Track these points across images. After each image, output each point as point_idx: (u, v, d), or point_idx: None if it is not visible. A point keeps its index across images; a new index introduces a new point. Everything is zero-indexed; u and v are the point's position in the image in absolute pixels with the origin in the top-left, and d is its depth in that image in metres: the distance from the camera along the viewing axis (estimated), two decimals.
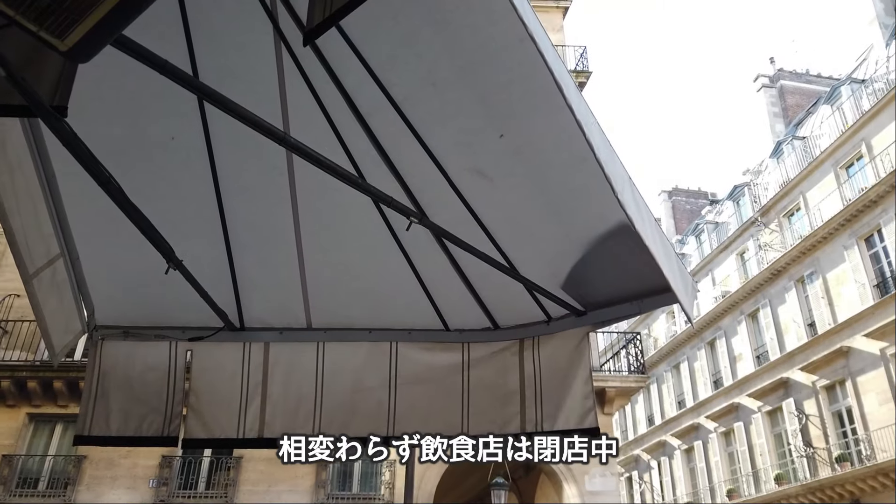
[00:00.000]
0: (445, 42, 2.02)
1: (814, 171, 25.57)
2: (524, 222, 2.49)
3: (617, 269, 2.51)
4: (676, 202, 43.11)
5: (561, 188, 2.32)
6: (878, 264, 21.93)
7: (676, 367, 33.54)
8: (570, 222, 2.43)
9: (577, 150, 1.95)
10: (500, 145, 2.21)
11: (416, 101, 2.17)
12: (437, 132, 2.23)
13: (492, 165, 2.30)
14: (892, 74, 22.88)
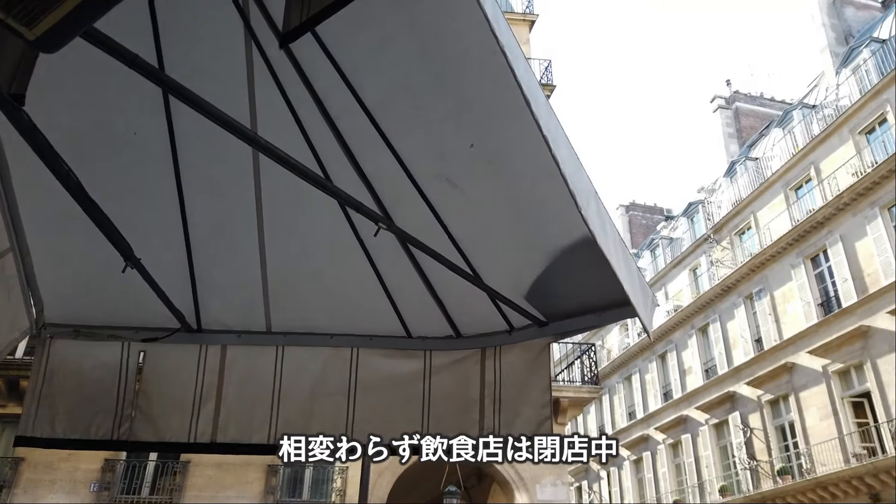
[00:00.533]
0: (419, 50, 2.03)
1: (765, 191, 26.42)
2: (490, 232, 2.51)
3: (579, 282, 2.54)
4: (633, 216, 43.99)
5: (528, 200, 2.34)
6: (823, 284, 22.75)
7: (628, 379, 34.12)
8: (536, 234, 2.45)
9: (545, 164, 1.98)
10: (470, 155, 2.23)
11: (388, 106, 2.16)
12: (408, 138, 2.23)
13: (461, 174, 2.31)
14: (841, 101, 23.84)
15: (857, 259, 21.10)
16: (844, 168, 22.20)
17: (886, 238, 20.13)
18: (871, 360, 19.92)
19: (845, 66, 24.33)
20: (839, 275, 21.72)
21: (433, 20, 1.95)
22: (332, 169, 2.31)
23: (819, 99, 25.71)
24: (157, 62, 2.02)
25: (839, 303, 21.60)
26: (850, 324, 20.71)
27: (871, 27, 25.27)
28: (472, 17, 1.72)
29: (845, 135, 22.68)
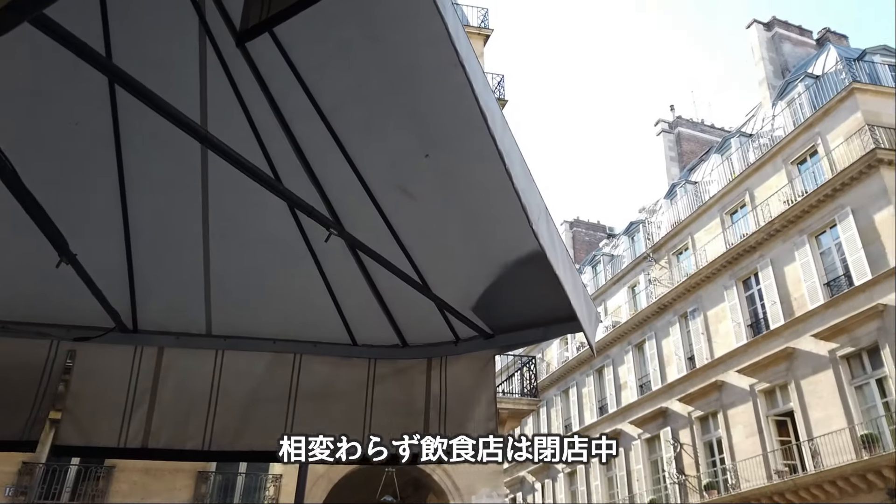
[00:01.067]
0: (379, 57, 2.02)
1: (702, 214, 27.39)
2: (441, 242, 2.51)
3: (527, 295, 2.57)
4: (577, 232, 44.89)
5: (480, 213, 2.36)
6: (753, 306, 23.70)
7: (566, 392, 34.66)
8: (486, 246, 2.47)
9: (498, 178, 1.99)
10: (425, 165, 2.23)
11: (344, 111, 2.14)
12: (362, 144, 2.21)
13: (414, 183, 2.30)
14: (776, 132, 24.98)
15: (785, 283, 22.08)
16: (777, 196, 23.24)
17: (813, 264, 21.14)
18: (795, 381, 20.83)
19: (781, 99, 25.52)
20: (768, 298, 22.67)
21: (393, 29, 1.94)
22: (283, 171, 2.27)
23: (756, 128, 26.88)
24: (104, 50, 1.94)
25: (767, 325, 22.54)
26: (777, 345, 21.63)
27: (807, 63, 26.62)
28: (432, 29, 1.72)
29: (779, 164, 23.76)
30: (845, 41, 28.65)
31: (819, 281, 20.83)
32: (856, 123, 20.78)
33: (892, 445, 17.61)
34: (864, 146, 19.98)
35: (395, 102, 2.13)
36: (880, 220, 19.17)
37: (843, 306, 19.63)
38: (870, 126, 20.15)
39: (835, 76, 22.89)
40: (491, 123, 1.85)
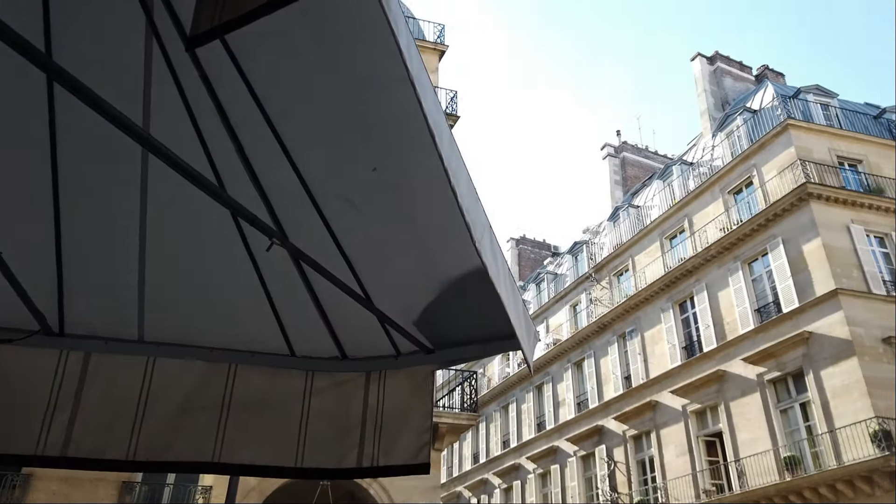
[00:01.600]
0: (330, 69, 2.02)
1: (643, 237, 28.19)
2: (385, 255, 2.51)
3: (468, 312, 2.59)
4: (522, 250, 45.49)
5: (425, 228, 2.37)
6: (688, 328, 24.46)
7: (505, 408, 34.89)
8: (430, 262, 2.48)
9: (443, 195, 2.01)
10: (372, 178, 2.23)
11: (292, 120, 2.13)
12: (310, 154, 2.20)
13: (361, 196, 2.30)
14: (715, 162, 25.98)
15: (719, 308, 22.89)
16: (714, 223, 24.13)
17: (745, 290, 22.00)
18: (724, 403, 21.55)
19: (721, 130, 26.59)
20: (703, 321, 23.44)
21: (345, 41, 1.95)
22: (227, 178, 2.23)
23: (696, 157, 27.91)
24: (44, 46, 1.88)
25: (701, 347, 23.29)
26: (710, 368, 22.37)
27: (746, 97, 27.85)
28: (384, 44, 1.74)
29: (716, 193, 24.71)
30: (782, 79, 30.13)
31: (750, 307, 21.67)
32: (789, 158, 21.82)
33: (812, 468, 18.39)
34: (796, 180, 20.99)
35: (344, 114, 2.13)
36: (808, 250, 20.12)
37: (772, 332, 20.47)
38: (802, 161, 21.19)
39: (771, 112, 24.02)
40: (438, 141, 1.87)
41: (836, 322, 18.63)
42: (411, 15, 19.36)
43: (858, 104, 26.62)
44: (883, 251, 20.56)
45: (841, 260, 19.58)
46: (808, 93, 24.58)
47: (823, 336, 18.86)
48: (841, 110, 24.29)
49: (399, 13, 1.75)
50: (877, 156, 22.71)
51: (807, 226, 20.29)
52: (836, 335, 18.53)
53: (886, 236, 20.71)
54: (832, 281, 19.06)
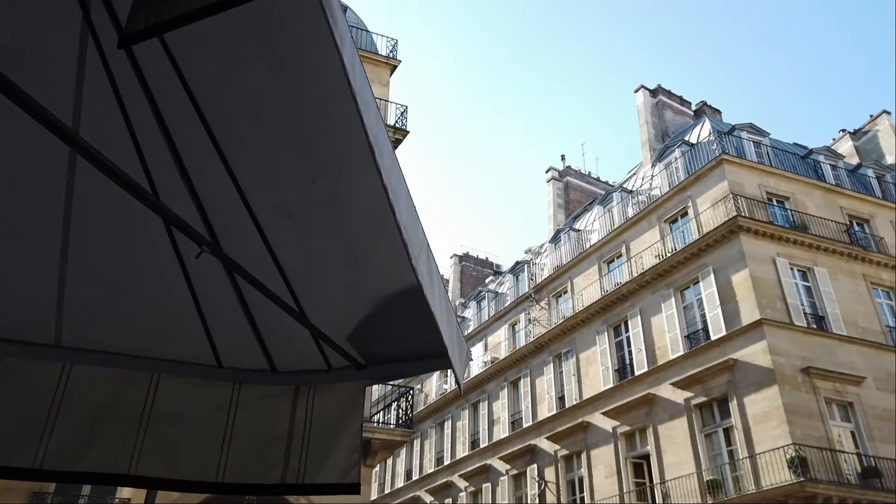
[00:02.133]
0: (272, 78, 2.00)
1: (582, 260, 28.79)
2: (322, 269, 2.48)
3: (401, 329, 2.59)
4: (465, 267, 45.74)
5: (362, 243, 2.36)
6: (622, 351, 25.04)
7: (441, 425, 34.81)
8: (366, 277, 2.47)
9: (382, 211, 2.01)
10: (311, 190, 2.21)
11: (232, 128, 2.09)
12: (248, 164, 2.17)
13: (299, 208, 2.28)
14: (653, 191, 26.85)
15: (651, 332, 23.54)
16: (650, 250, 24.88)
17: (676, 317, 22.71)
18: (653, 426, 22.10)
19: (660, 161, 27.53)
20: (635, 345, 24.05)
21: (289, 52, 1.93)
22: (160, 183, 2.17)
23: (636, 186, 28.78)
24: None
25: (633, 370, 23.86)
26: (640, 391, 22.92)
27: (685, 131, 28.96)
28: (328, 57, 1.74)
29: (653, 221, 25.51)
30: (719, 115, 31.49)
31: (681, 333, 22.38)
32: (722, 191, 22.75)
33: (733, 491, 19.02)
34: (728, 213, 21.89)
35: (285, 125, 2.11)
36: (737, 280, 20.96)
37: (700, 358, 21.17)
38: (734, 195, 22.12)
39: (707, 146, 25.04)
40: (378, 157, 1.87)
41: (760, 351, 19.43)
42: (364, 28, 19.37)
43: (788, 144, 28.06)
44: (805, 284, 21.62)
45: (766, 291, 20.47)
46: (743, 130, 25.76)
47: (747, 364, 19.63)
48: (771, 149, 25.54)
49: (345, 28, 1.76)
50: (802, 194, 23.95)
51: (736, 257, 21.16)
52: (759, 363, 19.31)
53: (809, 270, 21.79)
54: (757, 311, 19.89)
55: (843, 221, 23.75)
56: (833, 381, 19.45)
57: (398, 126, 17.85)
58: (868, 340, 20.90)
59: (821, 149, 27.48)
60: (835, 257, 22.35)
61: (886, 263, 23.12)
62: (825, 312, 21.05)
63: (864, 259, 22.80)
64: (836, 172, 26.07)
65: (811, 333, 20.26)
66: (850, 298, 21.74)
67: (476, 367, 33.09)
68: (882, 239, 24.07)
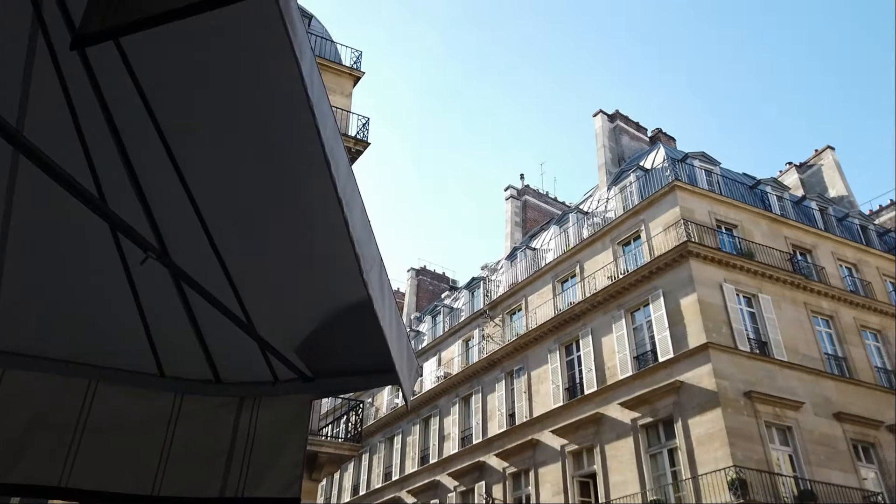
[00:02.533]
0: (229, 85, 1.98)
1: (537, 279, 29.08)
2: (273, 281, 2.45)
3: (351, 343, 2.57)
4: (422, 281, 45.66)
5: (315, 255, 2.35)
6: (572, 370, 25.31)
7: (391, 439, 34.50)
8: (317, 290, 2.45)
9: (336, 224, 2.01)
10: (265, 200, 2.19)
11: (185, 133, 2.06)
12: (201, 170, 2.14)
13: (251, 217, 2.25)
14: (608, 214, 27.36)
15: (601, 352, 23.88)
16: (603, 271, 25.30)
17: (626, 338, 23.11)
18: (600, 445, 22.35)
19: (615, 185, 28.11)
20: (586, 365, 24.35)
21: (247, 61, 1.92)
22: (108, 187, 2.12)
23: (591, 207, 29.30)
24: None
25: (582, 389, 24.13)
26: (589, 410, 23.18)
27: (640, 156, 29.67)
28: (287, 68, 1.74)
29: (607, 243, 25.98)
30: (673, 142, 32.38)
31: (630, 354, 22.77)
32: (674, 216, 23.34)
33: None
34: (679, 238, 22.46)
35: (240, 133, 2.09)
36: (685, 304, 21.47)
37: (648, 379, 21.56)
38: (685, 220, 22.73)
39: (661, 172, 25.69)
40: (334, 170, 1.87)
41: (705, 374, 19.91)
42: (329, 38, 19.32)
43: (737, 174, 29.03)
44: (750, 310, 22.29)
45: (713, 316, 21.03)
46: (695, 158, 26.53)
47: (693, 386, 20.07)
48: (722, 177, 26.38)
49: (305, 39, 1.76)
50: (750, 222, 24.77)
51: (685, 281, 21.70)
52: (704, 386, 19.78)
53: (753, 297, 22.49)
54: (704, 335, 20.40)
55: (787, 251, 24.63)
56: (773, 405, 20.04)
57: (359, 137, 17.81)
58: (807, 367, 21.64)
59: (768, 180, 28.50)
60: (778, 285, 23.13)
61: (826, 293, 24.03)
62: (768, 338, 21.72)
63: (805, 288, 23.65)
64: (781, 203, 27.06)
65: (754, 358, 20.86)
66: (792, 325, 22.50)
67: (429, 381, 32.98)
68: (823, 269, 25.03)
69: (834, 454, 20.23)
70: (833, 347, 23.32)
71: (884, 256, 27.60)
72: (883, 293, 26.03)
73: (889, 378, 23.59)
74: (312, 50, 1.82)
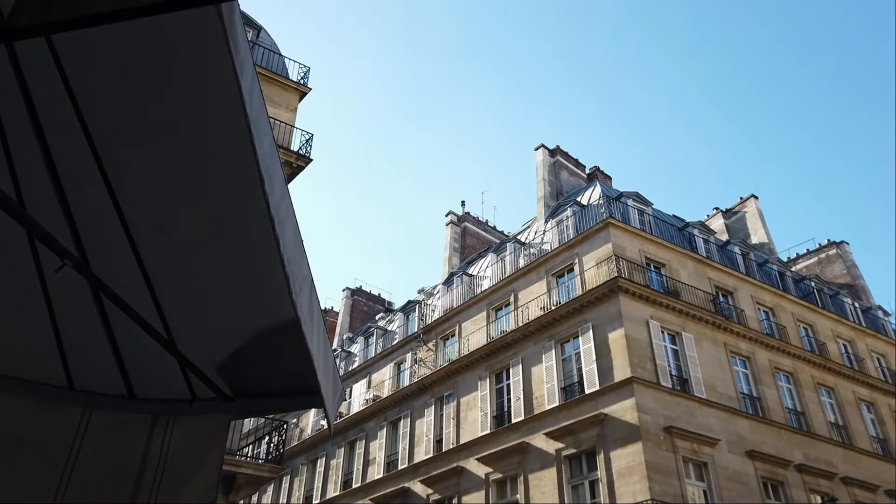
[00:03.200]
0: (166, 95, 1.94)
1: (472, 305, 29.25)
2: (198, 295, 2.39)
3: (275, 364, 2.52)
4: (356, 301, 45.18)
5: (244, 273, 2.30)
6: (501, 398, 25.45)
7: (314, 462, 33.67)
8: (243, 308, 2.40)
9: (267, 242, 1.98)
10: (195, 213, 2.14)
11: (115, 141, 2.00)
12: (130, 180, 2.07)
13: (179, 231, 2.19)
14: (544, 245, 27.90)
15: (531, 382, 24.13)
16: (536, 301, 25.69)
17: (555, 369, 23.45)
18: (524, 474, 22.47)
19: (553, 218, 28.73)
20: (514, 393, 24.53)
21: (188, 72, 1.89)
22: (29, 191, 2.03)
23: (529, 238, 29.82)
24: None
25: (510, 418, 24.26)
26: (515, 438, 23.30)
27: (577, 192, 30.47)
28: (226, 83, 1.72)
29: (542, 274, 26.44)
30: (609, 181, 33.44)
31: (558, 384, 23.09)
32: (606, 252, 24.00)
33: None
34: (610, 273, 23.08)
35: (174, 145, 2.04)
36: (613, 338, 22.01)
37: (574, 410, 21.89)
38: (617, 257, 23.40)
39: (596, 209, 26.44)
40: (268, 187, 1.85)
41: (628, 407, 20.38)
42: (277, 51, 19.15)
43: (668, 215, 30.20)
44: (673, 347, 23.04)
45: (638, 351, 21.63)
46: (629, 198, 27.46)
47: (616, 419, 20.50)
48: (653, 218, 27.37)
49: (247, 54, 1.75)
50: (677, 262, 25.73)
51: (614, 316, 22.27)
52: (627, 420, 20.23)
53: (677, 335, 23.28)
54: (629, 369, 20.93)
55: (710, 291, 25.66)
56: (691, 441, 20.67)
57: (301, 153, 17.61)
58: (724, 405, 22.47)
59: (696, 223, 29.75)
60: (701, 324, 24.02)
61: (745, 335, 25.11)
62: (689, 375, 22.47)
63: (725, 328, 24.65)
64: (707, 246, 28.26)
65: (675, 395, 21.51)
66: (712, 364, 23.37)
67: (357, 404, 32.49)
68: (743, 311, 26.19)
69: (745, 491, 20.98)
70: (749, 387, 24.31)
71: (798, 302, 29.13)
72: (796, 337, 27.42)
73: (799, 419, 24.75)
74: (255, 65, 1.80)
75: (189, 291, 2.37)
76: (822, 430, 24.98)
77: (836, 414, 26.45)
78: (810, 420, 24.92)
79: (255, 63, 17.81)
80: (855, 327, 30.85)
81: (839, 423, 26.13)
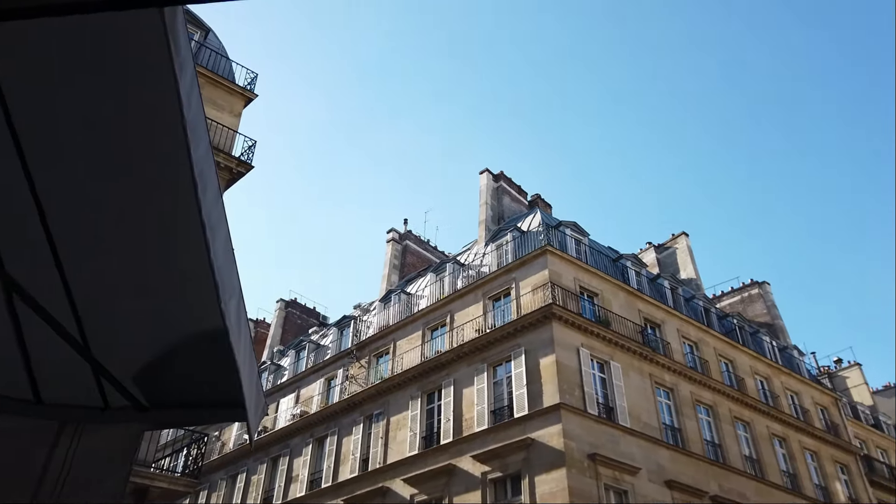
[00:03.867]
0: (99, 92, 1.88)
1: (408, 324, 29.14)
2: (119, 301, 2.30)
3: (197, 374, 2.45)
4: (290, 314, 44.32)
5: (169, 279, 2.24)
6: (431, 419, 25.34)
7: (234, 477, 32.60)
8: (167, 315, 2.33)
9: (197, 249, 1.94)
10: (121, 216, 2.07)
11: (39, 134, 1.92)
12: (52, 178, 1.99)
13: (104, 234, 2.12)
14: (482, 268, 28.15)
15: (461, 403, 24.14)
16: (472, 323, 25.83)
17: (486, 391, 23.56)
18: (449, 497, 22.36)
19: (493, 241, 29.06)
20: (445, 414, 24.48)
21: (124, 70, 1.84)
22: None
23: (468, 260, 30.03)
24: None
25: (439, 439, 24.18)
26: (443, 460, 23.21)
27: (518, 218, 30.95)
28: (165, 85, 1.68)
29: (479, 296, 26.63)
30: (550, 209, 34.13)
31: (488, 407, 23.19)
32: (542, 279, 24.41)
33: None
34: (545, 299, 23.46)
35: (104, 145, 1.97)
36: (544, 364, 22.32)
37: (502, 434, 22.00)
38: (552, 284, 23.82)
39: (535, 235, 26.92)
40: (201, 193, 1.81)
41: (555, 433, 20.65)
42: (225, 54, 18.81)
43: (603, 246, 31.04)
44: (601, 376, 23.54)
45: (568, 377, 21.99)
46: (567, 227, 28.09)
47: (542, 444, 20.73)
48: (589, 248, 28.07)
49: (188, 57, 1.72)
50: (609, 293, 26.41)
51: (546, 341, 22.61)
52: (553, 445, 20.49)
53: (606, 364, 23.81)
54: (558, 395, 21.24)
55: (639, 323, 26.42)
56: (614, 468, 21.08)
57: (243, 159, 17.28)
58: (647, 435, 23.05)
59: (629, 255, 30.67)
60: (628, 354, 24.66)
61: (670, 367, 25.92)
62: (615, 404, 22.97)
63: (651, 360, 25.38)
64: (639, 278, 29.13)
65: (601, 422, 21.94)
66: (637, 394, 23.98)
67: (283, 419, 31.72)
68: (669, 344, 27.05)
69: None
70: (671, 418, 25.03)
71: (721, 338, 30.32)
72: (717, 372, 28.48)
73: (716, 451, 25.62)
74: (197, 66, 1.77)
75: (110, 296, 2.28)
76: (737, 462, 25.91)
77: (751, 447, 27.50)
78: (726, 452, 25.82)
79: (201, 65, 17.44)
80: (772, 365, 32.30)
81: (752, 457, 27.18)
